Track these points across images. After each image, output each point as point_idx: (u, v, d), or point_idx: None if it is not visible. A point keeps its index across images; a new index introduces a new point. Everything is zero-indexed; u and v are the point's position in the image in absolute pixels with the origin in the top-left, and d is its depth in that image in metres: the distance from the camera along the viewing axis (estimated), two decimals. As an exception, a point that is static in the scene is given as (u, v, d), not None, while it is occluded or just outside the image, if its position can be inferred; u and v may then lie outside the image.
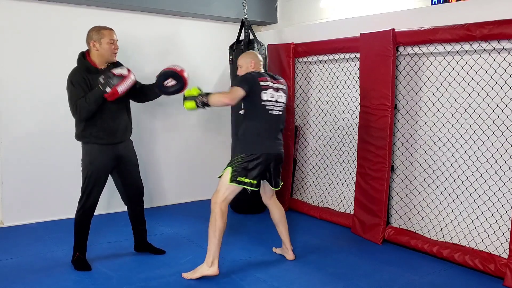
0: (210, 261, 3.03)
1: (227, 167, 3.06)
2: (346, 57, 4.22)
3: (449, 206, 3.51)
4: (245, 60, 3.26)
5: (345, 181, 4.38)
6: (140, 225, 3.46)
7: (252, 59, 3.24)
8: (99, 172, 3.13)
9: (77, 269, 3.16)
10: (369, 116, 3.82)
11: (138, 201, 3.40)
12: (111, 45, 3.10)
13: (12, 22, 4.01)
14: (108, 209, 4.44)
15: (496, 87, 3.16)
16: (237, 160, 3.04)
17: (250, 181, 3.03)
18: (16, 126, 4.08)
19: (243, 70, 3.23)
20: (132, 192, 3.35)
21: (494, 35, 3.01)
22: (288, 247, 3.41)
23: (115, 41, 3.14)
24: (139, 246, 3.49)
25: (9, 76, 4.03)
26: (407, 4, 3.90)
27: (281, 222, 3.37)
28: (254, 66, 3.22)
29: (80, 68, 3.10)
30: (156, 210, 4.65)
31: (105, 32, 3.09)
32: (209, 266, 3.02)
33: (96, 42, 3.08)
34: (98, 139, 3.10)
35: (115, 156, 3.18)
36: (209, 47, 5.06)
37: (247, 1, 4.57)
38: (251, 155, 3.03)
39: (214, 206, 3.04)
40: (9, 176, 4.09)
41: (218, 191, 3.06)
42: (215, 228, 3.02)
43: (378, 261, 3.41)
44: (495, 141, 3.20)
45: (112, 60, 3.16)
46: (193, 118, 5.05)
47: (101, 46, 3.09)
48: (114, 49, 3.13)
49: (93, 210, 3.20)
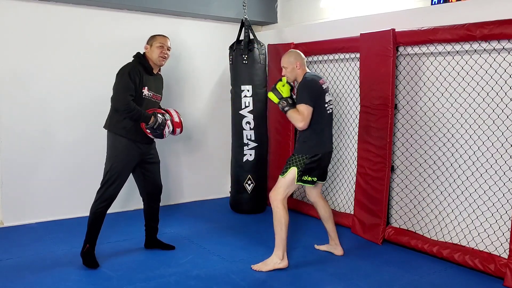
0: (281, 254, 3.18)
1: (291, 167, 3.16)
2: (346, 57, 4.22)
3: (449, 206, 3.51)
4: (289, 60, 3.24)
5: (345, 181, 4.38)
6: (153, 223, 3.54)
7: (296, 59, 3.23)
8: (123, 167, 3.21)
9: (85, 264, 3.19)
10: (369, 116, 3.82)
11: (156, 199, 3.49)
12: (160, 49, 3.25)
13: (13, 22, 4.01)
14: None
15: (496, 87, 3.15)
16: (303, 161, 3.15)
17: (312, 179, 3.21)
18: (16, 126, 4.08)
19: (289, 71, 3.23)
20: (151, 189, 3.43)
21: (494, 35, 3.01)
22: (337, 243, 3.52)
23: (166, 46, 3.29)
24: (149, 243, 3.56)
25: (9, 76, 4.03)
26: (407, 4, 3.90)
27: (330, 218, 3.48)
28: (300, 67, 3.22)
29: (139, 64, 3.24)
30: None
31: (158, 37, 3.30)
32: (280, 259, 3.18)
33: (148, 45, 3.29)
34: (131, 134, 3.18)
35: (141, 153, 3.27)
36: (209, 47, 5.06)
37: (247, 1, 4.57)
38: (314, 156, 3.17)
39: (277, 203, 3.16)
40: (9, 176, 4.09)
41: (279, 188, 3.18)
42: (282, 223, 3.14)
43: (378, 261, 3.41)
44: (495, 141, 3.20)
45: (160, 63, 3.30)
46: (194, 119, 5.05)
47: (151, 49, 3.25)
48: (162, 53, 3.27)
49: (110, 202, 3.24)
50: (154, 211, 3.51)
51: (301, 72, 3.24)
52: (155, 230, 3.56)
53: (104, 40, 4.41)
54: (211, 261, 3.36)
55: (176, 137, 4.95)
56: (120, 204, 4.43)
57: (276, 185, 3.23)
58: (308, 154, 3.16)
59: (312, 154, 3.16)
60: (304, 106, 3.09)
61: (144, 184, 3.41)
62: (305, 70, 3.26)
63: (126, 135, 3.18)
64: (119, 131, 3.18)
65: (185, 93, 4.98)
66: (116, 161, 3.18)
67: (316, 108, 3.14)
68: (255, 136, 4.54)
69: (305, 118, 3.09)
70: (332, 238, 3.52)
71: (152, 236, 3.56)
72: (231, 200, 4.77)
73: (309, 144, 3.18)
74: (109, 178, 3.18)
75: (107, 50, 4.40)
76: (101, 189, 3.20)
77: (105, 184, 3.19)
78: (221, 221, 4.42)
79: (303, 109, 3.09)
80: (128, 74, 3.12)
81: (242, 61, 4.46)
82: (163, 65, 3.34)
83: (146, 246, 3.57)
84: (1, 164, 4.08)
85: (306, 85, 3.15)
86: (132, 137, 3.19)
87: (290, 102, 3.16)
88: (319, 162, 3.19)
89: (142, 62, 3.25)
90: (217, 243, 3.75)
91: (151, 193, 3.44)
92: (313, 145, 3.18)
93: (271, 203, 3.20)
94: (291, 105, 3.15)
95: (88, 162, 4.30)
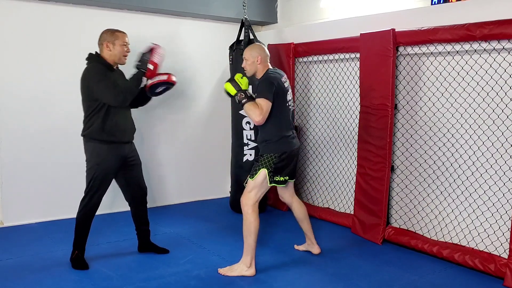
0: (248, 262, 3.08)
1: (261, 168, 3.07)
2: (346, 57, 4.22)
3: (449, 206, 3.51)
4: (251, 53, 3.17)
5: (345, 181, 4.38)
6: (143, 226, 3.46)
7: (259, 53, 3.16)
8: (106, 174, 3.15)
9: (74, 268, 3.17)
10: (369, 116, 3.82)
11: (142, 201, 3.41)
12: (123, 47, 3.18)
13: (12, 22, 4.01)
14: (108, 209, 4.43)
15: (496, 87, 3.15)
16: (272, 160, 3.07)
17: (284, 178, 3.13)
18: (16, 126, 4.08)
19: (249, 64, 3.17)
20: (136, 192, 3.36)
21: (494, 35, 3.01)
22: (314, 242, 3.49)
23: (128, 44, 3.22)
24: (143, 246, 3.50)
25: (9, 76, 4.03)
26: (407, 4, 3.90)
27: (306, 218, 3.44)
28: (261, 62, 3.15)
29: (99, 63, 3.16)
30: (156, 210, 4.65)
31: (119, 35, 3.18)
32: (247, 267, 3.08)
33: (109, 43, 3.16)
34: (111, 136, 3.12)
35: (122, 156, 3.21)
36: (209, 47, 5.06)
37: (247, 1, 4.57)
38: (283, 154, 3.08)
39: (247, 208, 3.05)
40: (9, 176, 4.09)
41: (250, 192, 3.07)
42: (251, 229, 3.03)
43: (378, 261, 3.41)
44: (495, 141, 3.20)
45: (122, 62, 3.23)
46: (193, 118, 5.05)
47: (114, 47, 3.16)
48: (126, 52, 3.21)
49: (94, 211, 3.21)
50: (142, 214, 3.43)
51: (261, 68, 3.16)
52: (147, 232, 3.49)
53: (104, 40, 4.41)
54: (211, 261, 3.36)
55: (176, 137, 4.97)
56: (120, 204, 4.42)
57: (246, 189, 3.11)
58: (275, 153, 3.07)
59: (279, 152, 3.07)
60: (264, 100, 2.99)
61: (128, 188, 3.33)
62: (267, 66, 3.19)
63: (108, 139, 3.11)
64: (99, 135, 3.10)
65: (185, 93, 4.97)
66: (98, 169, 3.12)
67: (277, 105, 3.06)
68: (255, 136, 4.54)
69: (263, 112, 2.98)
70: (309, 237, 3.49)
71: (145, 239, 3.49)
72: (231, 200, 4.77)
73: (274, 143, 3.09)
74: (92, 187, 3.14)
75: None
76: (85, 197, 3.16)
77: (89, 193, 3.15)
78: (221, 221, 4.42)
79: (263, 104, 2.99)
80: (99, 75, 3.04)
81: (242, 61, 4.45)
82: (125, 63, 3.23)
83: (139, 250, 3.50)
84: (1, 164, 4.08)
85: (268, 80, 3.07)
86: (113, 138, 3.12)
87: (248, 95, 3.07)
88: (287, 161, 3.11)
89: (102, 62, 3.14)
90: (217, 243, 3.75)
91: (136, 196, 3.36)
92: (280, 144, 3.09)
93: (242, 208, 3.08)
94: (249, 98, 3.06)
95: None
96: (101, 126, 3.10)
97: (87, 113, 3.14)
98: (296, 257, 3.45)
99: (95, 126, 3.10)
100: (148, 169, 4.59)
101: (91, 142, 3.14)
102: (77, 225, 3.19)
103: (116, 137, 3.15)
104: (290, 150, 3.12)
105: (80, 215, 3.17)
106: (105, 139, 3.11)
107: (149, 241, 3.50)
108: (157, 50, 3.17)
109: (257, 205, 3.08)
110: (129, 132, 3.27)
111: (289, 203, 3.43)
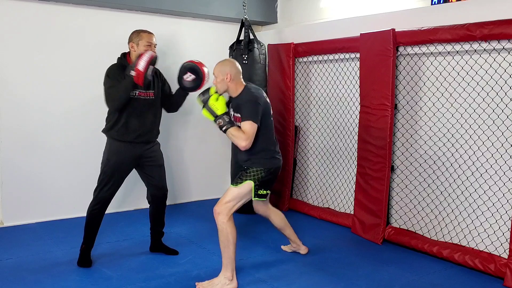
0: (230, 275, 2.90)
1: (247, 180, 2.95)
2: (346, 57, 4.22)
3: (449, 206, 3.51)
4: (220, 69, 2.97)
5: (345, 181, 4.38)
6: (158, 227, 3.48)
7: (229, 71, 2.94)
8: (115, 170, 3.19)
9: (78, 264, 3.20)
10: (369, 116, 3.82)
11: (160, 202, 3.42)
12: (148, 48, 3.17)
13: (13, 22, 4.01)
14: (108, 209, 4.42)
15: (496, 87, 3.16)
16: (259, 174, 2.97)
17: (266, 192, 3.06)
18: (16, 126, 4.08)
19: (218, 81, 2.96)
20: (155, 193, 3.38)
21: (494, 35, 3.01)
22: (299, 243, 3.48)
23: (153, 44, 3.22)
24: (154, 246, 3.52)
25: (9, 76, 4.03)
26: (407, 4, 3.90)
27: (286, 224, 3.39)
28: (230, 79, 2.94)
29: (118, 65, 3.21)
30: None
31: (144, 35, 3.19)
32: (229, 280, 2.90)
33: (134, 43, 3.19)
34: (121, 135, 3.17)
35: (136, 156, 3.23)
36: (209, 47, 5.05)
37: (247, 1, 4.57)
38: (269, 169, 3.01)
39: (222, 218, 2.85)
40: (9, 176, 4.09)
41: (229, 201, 2.90)
42: (229, 241, 2.86)
43: (378, 261, 3.41)
44: (495, 141, 3.20)
45: None
46: (192, 120, 5.05)
47: (139, 48, 3.18)
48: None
49: (105, 204, 3.24)
50: (159, 215, 3.44)
51: (233, 85, 2.96)
52: (160, 234, 3.51)
53: (104, 40, 4.40)
54: (211, 261, 3.36)
55: (176, 138, 4.97)
56: (120, 204, 4.43)
57: (224, 197, 2.91)
58: (264, 167, 2.98)
59: (268, 167, 2.99)
60: (249, 123, 2.83)
61: (149, 188, 3.38)
62: (240, 83, 2.99)
63: (119, 137, 3.17)
64: (112, 134, 3.19)
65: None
66: (107, 164, 3.18)
67: (264, 124, 2.96)
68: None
69: (249, 137, 2.83)
70: (294, 241, 3.46)
71: (157, 240, 3.51)
72: (231, 200, 4.76)
73: (265, 158, 3.00)
74: (101, 180, 3.20)
75: (107, 50, 4.37)
76: (96, 190, 3.22)
77: (98, 186, 3.21)
78: (221, 221, 4.42)
79: (248, 128, 2.83)
80: (107, 76, 3.12)
81: (242, 61, 4.44)
82: None
83: (151, 250, 3.53)
84: (1, 164, 4.08)
85: (252, 101, 2.89)
86: (123, 137, 3.17)
87: (227, 120, 2.89)
88: (273, 175, 3.04)
89: (123, 63, 3.18)
90: (217, 243, 3.70)
91: (155, 196, 3.39)
92: (268, 159, 3.02)
93: (215, 217, 2.87)
94: (229, 122, 2.89)
95: (88, 162, 4.29)
96: (114, 125, 3.18)
97: (108, 111, 3.23)
98: (296, 257, 3.45)
99: (110, 124, 3.21)
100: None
101: (109, 138, 3.23)
102: (87, 218, 3.24)
103: (127, 137, 3.18)
104: (276, 166, 3.06)
105: (90, 207, 3.22)
106: (117, 137, 3.18)
107: (161, 242, 3.53)
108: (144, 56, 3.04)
109: (232, 215, 2.90)
110: (144, 133, 3.24)
111: (266, 215, 3.34)
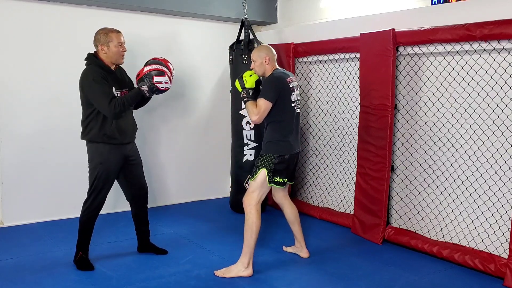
0: (246, 262, 3.06)
1: (260, 168, 3.08)
2: (346, 57, 4.22)
3: (449, 206, 3.51)
4: (258, 54, 3.17)
5: (345, 181, 4.38)
6: (143, 226, 3.45)
7: (267, 54, 3.16)
8: (109, 173, 3.14)
9: (79, 269, 3.16)
10: (369, 116, 3.82)
11: (143, 201, 3.40)
12: (119, 48, 3.11)
13: (12, 22, 4.01)
14: (108, 209, 4.43)
15: (496, 87, 3.15)
16: (271, 161, 3.07)
17: (283, 180, 3.14)
18: (16, 126, 4.08)
19: (257, 65, 3.16)
20: (136, 192, 3.35)
21: (494, 35, 3.01)
22: (303, 245, 3.46)
23: (123, 43, 3.14)
24: (142, 247, 3.50)
25: (9, 76, 4.03)
26: (407, 4, 3.90)
27: (297, 220, 3.42)
28: (269, 62, 3.16)
29: (96, 66, 3.08)
30: (157, 210, 4.65)
31: (113, 35, 3.09)
32: (245, 267, 3.06)
33: (104, 45, 3.08)
34: (111, 139, 3.10)
35: (124, 156, 3.20)
36: (209, 47, 5.06)
37: (247, 1, 4.57)
38: (282, 156, 3.08)
39: (250, 208, 3.04)
40: (9, 176, 4.09)
41: (252, 192, 3.08)
42: (253, 230, 3.03)
43: (378, 261, 3.41)
44: (495, 141, 3.20)
45: (120, 62, 3.18)
46: (193, 119, 5.05)
47: (109, 50, 3.09)
48: (122, 52, 3.14)
49: (98, 211, 3.20)
50: (142, 214, 3.41)
51: (269, 68, 3.17)
52: (147, 233, 3.48)
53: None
54: (211, 261, 3.36)
55: (176, 137, 4.97)
56: (120, 204, 4.42)
57: (248, 189, 3.13)
58: (275, 153, 3.07)
59: (278, 154, 3.07)
60: (263, 101, 3.02)
61: (129, 188, 3.32)
62: (275, 66, 3.20)
63: (109, 141, 3.09)
64: (100, 138, 3.08)
65: (185, 93, 4.97)
66: (102, 168, 3.10)
67: (279, 106, 3.06)
68: (255, 136, 4.54)
69: (260, 112, 3.02)
70: (298, 240, 3.47)
71: (145, 239, 3.48)
72: (231, 200, 4.77)
73: (275, 144, 3.10)
74: (96, 186, 3.12)
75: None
76: (89, 198, 3.14)
77: (92, 193, 3.13)
78: (221, 221, 4.42)
79: (261, 104, 3.02)
80: (94, 81, 2.99)
81: (242, 61, 4.45)
82: (123, 63, 3.19)
83: (139, 250, 3.49)
84: (1, 164, 4.08)
85: (271, 81, 3.09)
86: (114, 141, 3.10)
87: (250, 94, 3.11)
88: (287, 163, 3.12)
89: (100, 64, 3.08)
90: (217, 243, 3.75)
91: (137, 195, 3.35)
92: (280, 145, 3.10)
93: (245, 208, 3.08)
94: (251, 97, 3.10)
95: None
96: (101, 130, 3.07)
97: (85, 116, 3.12)
98: (296, 257, 3.45)
99: (95, 130, 3.08)
100: (149, 169, 4.59)
101: (93, 143, 3.12)
102: (81, 226, 3.18)
103: (117, 139, 3.13)
104: (289, 153, 3.11)
105: (84, 216, 3.16)
106: (106, 141, 3.10)
107: (148, 241, 3.50)
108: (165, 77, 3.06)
109: (259, 205, 3.08)
110: (130, 133, 3.25)
111: (281, 204, 3.40)
